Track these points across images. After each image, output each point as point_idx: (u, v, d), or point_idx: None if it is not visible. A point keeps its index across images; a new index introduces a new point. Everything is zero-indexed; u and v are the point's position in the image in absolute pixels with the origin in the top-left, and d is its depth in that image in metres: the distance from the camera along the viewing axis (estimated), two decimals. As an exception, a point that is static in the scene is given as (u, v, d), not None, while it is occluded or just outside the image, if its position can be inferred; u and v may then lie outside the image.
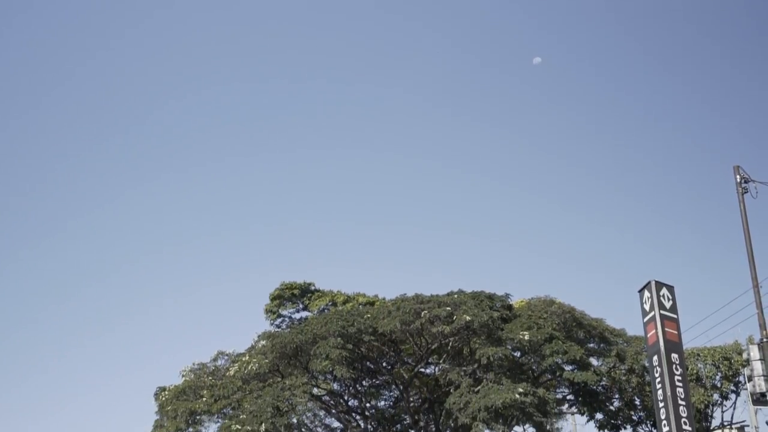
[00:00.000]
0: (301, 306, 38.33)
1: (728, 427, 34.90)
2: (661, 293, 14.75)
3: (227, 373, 32.14)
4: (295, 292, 37.87)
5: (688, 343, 31.97)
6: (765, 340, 21.03)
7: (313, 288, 38.11)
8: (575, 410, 34.89)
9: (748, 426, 44.67)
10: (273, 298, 38.06)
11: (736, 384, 31.30)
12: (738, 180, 23.61)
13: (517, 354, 29.18)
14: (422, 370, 32.02)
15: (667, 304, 14.70)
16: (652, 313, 14.64)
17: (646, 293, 14.91)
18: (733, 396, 32.12)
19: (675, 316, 14.75)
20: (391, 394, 35.33)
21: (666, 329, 14.44)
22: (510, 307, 30.07)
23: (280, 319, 38.38)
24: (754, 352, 20.65)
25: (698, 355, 30.99)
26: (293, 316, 38.51)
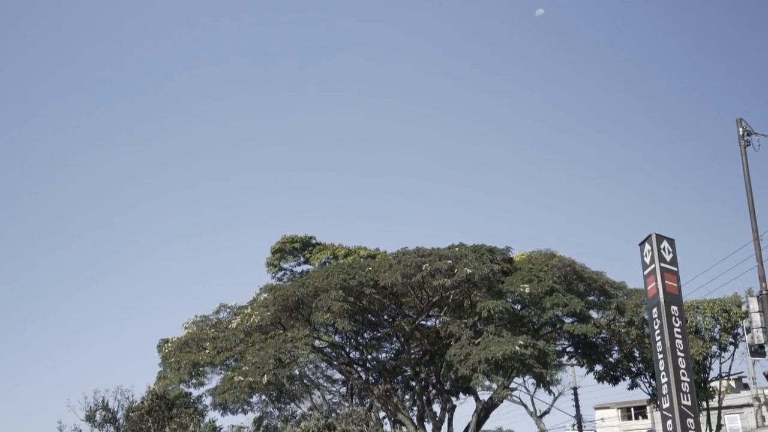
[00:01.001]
0: (302, 259, 38.45)
1: (726, 378, 35.24)
2: (662, 246, 14.76)
3: (229, 326, 32.38)
4: (296, 245, 37.96)
5: (688, 296, 32.13)
6: (764, 292, 21.11)
7: (314, 241, 38.19)
8: (575, 362, 35.21)
9: (745, 377, 45.16)
10: (274, 252, 38.16)
11: (735, 336, 31.50)
12: (740, 133, 23.50)
13: (518, 307, 29.32)
14: (423, 322, 32.23)
15: (668, 257, 14.71)
16: (653, 266, 14.67)
17: (647, 246, 14.93)
18: (731, 348, 32.34)
19: (675, 269, 14.78)
20: (392, 346, 35.61)
21: (666, 282, 14.48)
22: (511, 261, 30.14)
23: (281, 272, 38.55)
24: (753, 305, 20.75)
25: (697, 307, 31.14)
26: (294, 269, 38.69)
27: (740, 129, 23.54)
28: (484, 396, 32.67)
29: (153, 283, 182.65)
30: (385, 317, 32.23)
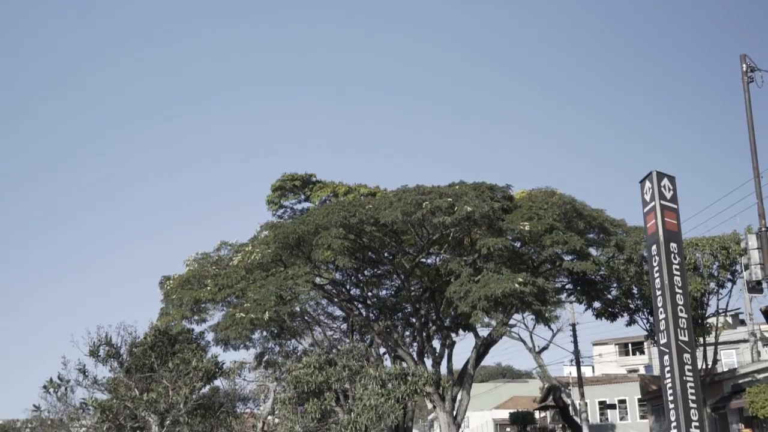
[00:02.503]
0: (302, 197, 38.44)
1: (723, 314, 35.55)
2: (662, 184, 14.73)
3: (230, 263, 32.55)
4: (297, 183, 37.90)
5: (687, 233, 32.23)
6: (763, 229, 21.16)
7: (314, 179, 38.13)
8: (573, 299, 35.48)
9: (742, 313, 45.55)
10: (274, 189, 38.12)
11: (733, 273, 31.67)
12: (744, 69, 23.23)
13: (518, 244, 29.42)
14: (423, 260, 32.38)
15: (668, 195, 14.70)
16: (653, 203, 14.66)
17: (647, 183, 14.90)
18: (729, 285, 32.54)
19: (675, 206, 14.77)
20: (393, 283, 35.85)
21: (666, 219, 14.49)
22: (511, 198, 30.14)
23: (282, 210, 38.60)
24: (752, 241, 20.81)
25: (696, 245, 31.24)
26: (295, 207, 38.72)
27: (744, 65, 23.28)
28: (484, 332, 33.05)
29: (153, 220, 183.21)
30: (386, 255, 32.37)
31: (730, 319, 45.99)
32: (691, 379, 13.56)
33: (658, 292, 14.19)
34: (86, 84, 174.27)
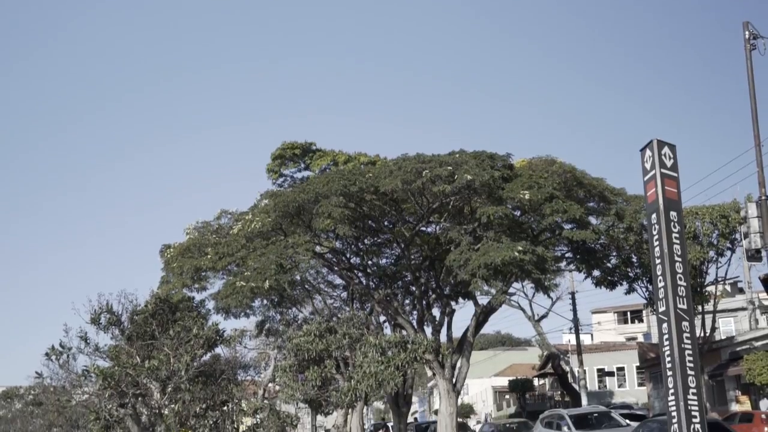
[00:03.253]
0: (302, 165, 38.41)
1: (722, 282, 35.70)
2: (663, 152, 14.68)
3: (231, 232, 32.59)
4: (297, 151, 37.84)
5: (688, 201, 32.28)
6: (764, 198, 21.18)
7: (314, 148, 38.06)
8: (573, 267, 35.58)
9: (740, 281, 45.71)
10: (274, 158, 38.07)
11: (732, 242, 31.76)
12: (747, 36, 23.11)
13: (517, 213, 29.42)
14: (423, 228, 32.40)
15: (668, 163, 14.64)
16: (653, 172, 14.61)
17: (648, 152, 14.84)
18: (728, 253, 32.66)
19: (675, 174, 14.72)
20: (393, 251, 35.91)
21: (666, 187, 14.44)
22: (511, 167, 30.09)
23: (281, 179, 38.57)
24: (752, 210, 20.83)
25: (696, 213, 31.29)
26: (295, 176, 38.70)
27: (746, 32, 23.14)
28: (483, 300, 33.19)
29: (153, 187, 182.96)
30: (386, 223, 32.40)
31: (728, 288, 46.20)
32: (690, 346, 13.63)
33: (658, 261, 14.20)
34: (82, 43, 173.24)
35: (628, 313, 77.75)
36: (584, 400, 45.88)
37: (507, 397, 70.71)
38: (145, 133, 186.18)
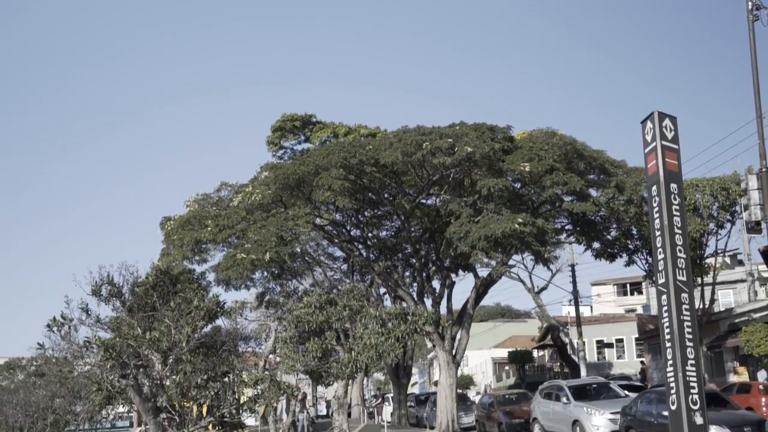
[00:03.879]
0: (302, 138, 38.38)
1: (721, 255, 35.76)
2: (664, 124, 14.63)
3: (231, 204, 32.61)
4: (297, 123, 37.80)
5: (688, 174, 32.26)
6: (764, 170, 21.15)
7: (314, 120, 38.01)
8: (573, 239, 35.62)
9: (740, 254, 45.82)
10: (274, 130, 38.03)
11: (732, 214, 31.77)
12: (749, 7, 22.92)
13: (518, 185, 29.41)
14: (423, 201, 32.41)
15: (669, 135, 14.60)
16: (654, 144, 14.58)
17: (649, 124, 14.80)
18: (728, 225, 32.68)
19: (676, 146, 14.69)
20: (393, 224, 35.97)
21: (667, 160, 14.42)
22: (511, 139, 30.02)
23: (282, 151, 38.58)
24: (752, 182, 20.81)
25: (697, 185, 31.27)
26: (295, 148, 38.70)
27: (749, 3, 22.96)
28: (483, 272, 33.25)
29: (153, 159, 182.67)
30: (386, 195, 32.40)
31: (728, 260, 46.30)
32: (689, 318, 13.68)
33: (658, 233, 14.21)
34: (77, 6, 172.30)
35: (628, 285, 77.96)
36: (583, 372, 46.12)
37: (506, 368, 71.09)
38: (144, 97, 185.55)
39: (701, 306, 33.16)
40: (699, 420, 13.31)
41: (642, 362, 46.75)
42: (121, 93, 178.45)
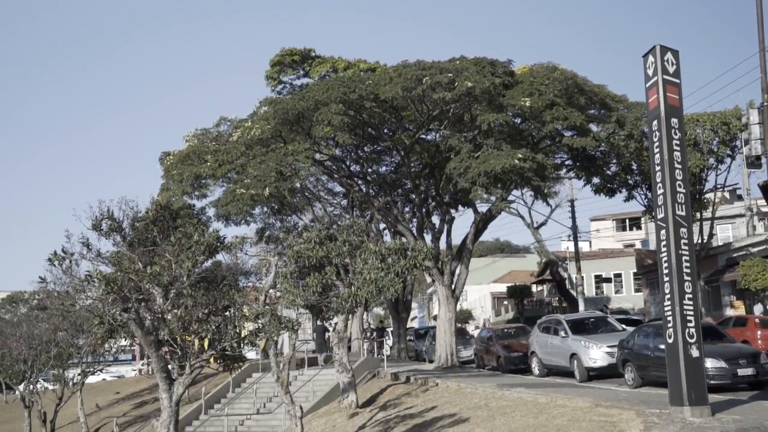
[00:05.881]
0: (301, 72, 38.02)
1: (721, 189, 35.80)
2: (666, 58, 14.48)
3: (230, 139, 32.51)
4: (296, 58, 37.39)
5: (689, 108, 32.06)
6: (765, 104, 21.03)
7: (313, 54, 37.60)
8: (573, 175, 35.60)
9: (740, 188, 45.87)
10: (273, 65, 37.65)
11: (732, 149, 31.72)
12: (754, -63, 22.52)
13: (518, 120, 29.25)
14: (423, 136, 32.29)
15: (671, 69, 14.47)
16: (655, 78, 14.45)
17: (650, 58, 14.65)
18: (728, 160, 32.65)
19: (677, 81, 14.56)
20: (393, 159, 35.90)
21: (668, 94, 14.31)
22: (512, 74, 29.77)
23: (281, 86, 38.25)
24: (754, 116, 20.71)
25: (697, 120, 31.15)
26: (294, 83, 38.36)
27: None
28: (483, 208, 33.32)
29: (151, 95, 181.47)
30: (386, 131, 32.27)
31: (727, 194, 46.40)
32: (687, 252, 13.75)
33: (658, 168, 14.19)
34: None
35: (627, 221, 78.25)
36: (581, 306, 46.59)
37: (505, 303, 71.80)
38: (146, 24, 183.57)
39: (699, 241, 33.32)
40: (695, 353, 13.49)
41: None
42: (122, 21, 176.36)
